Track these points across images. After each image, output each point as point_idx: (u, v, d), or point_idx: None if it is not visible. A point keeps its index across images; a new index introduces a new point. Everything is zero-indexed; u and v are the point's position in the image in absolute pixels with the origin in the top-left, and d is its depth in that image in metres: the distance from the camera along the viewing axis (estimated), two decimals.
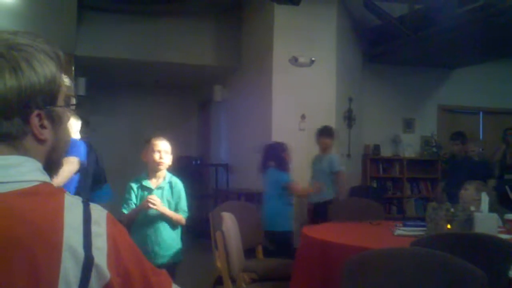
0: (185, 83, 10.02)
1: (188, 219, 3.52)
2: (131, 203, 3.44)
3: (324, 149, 5.89)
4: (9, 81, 0.86)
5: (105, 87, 9.40)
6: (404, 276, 2.15)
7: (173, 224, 3.44)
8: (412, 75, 8.55)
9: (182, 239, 3.56)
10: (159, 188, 3.46)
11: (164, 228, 3.40)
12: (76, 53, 7.28)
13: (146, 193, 3.44)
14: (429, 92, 8.80)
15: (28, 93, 0.88)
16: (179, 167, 9.79)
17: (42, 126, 0.91)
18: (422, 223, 3.52)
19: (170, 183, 3.49)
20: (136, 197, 3.47)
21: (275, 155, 5.17)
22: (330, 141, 5.86)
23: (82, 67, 7.68)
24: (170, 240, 3.42)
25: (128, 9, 7.73)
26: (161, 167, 3.45)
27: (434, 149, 8.44)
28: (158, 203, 3.33)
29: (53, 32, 6.25)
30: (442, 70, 8.73)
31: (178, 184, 3.51)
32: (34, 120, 0.90)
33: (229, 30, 8.35)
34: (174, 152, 3.52)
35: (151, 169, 3.48)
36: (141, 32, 7.93)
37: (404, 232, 3.44)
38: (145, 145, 3.55)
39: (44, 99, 0.91)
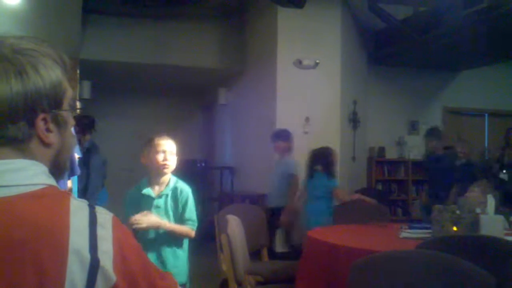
0: (189, 86, 10.03)
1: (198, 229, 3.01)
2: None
3: (280, 153, 5.82)
4: (15, 85, 0.87)
5: (109, 90, 9.43)
6: (410, 278, 2.14)
7: (178, 240, 2.95)
8: (417, 77, 8.54)
9: (188, 258, 3.04)
10: (161, 196, 2.99)
11: (165, 249, 2.91)
12: (81, 57, 7.31)
13: (146, 203, 2.97)
14: (434, 94, 8.79)
15: (34, 97, 0.89)
16: (184, 170, 9.83)
17: (48, 130, 0.92)
18: (428, 226, 3.51)
19: (175, 189, 3.00)
20: (136, 208, 2.92)
21: (323, 160, 5.30)
22: (285, 144, 5.76)
23: (87, 71, 7.70)
24: (174, 262, 2.91)
25: (132, 13, 7.75)
26: (166, 170, 2.99)
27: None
28: (146, 221, 2.81)
29: (58, 36, 6.27)
30: (447, 72, 8.72)
31: (185, 190, 3.01)
32: (40, 124, 0.91)
33: (233, 33, 8.36)
34: (179, 154, 3.07)
35: (154, 173, 3.02)
36: (146, 36, 7.95)
37: (410, 235, 3.43)
38: (146, 145, 3.04)
39: (49, 103, 0.91)
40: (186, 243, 3.03)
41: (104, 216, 0.89)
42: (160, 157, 2.97)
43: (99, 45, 7.72)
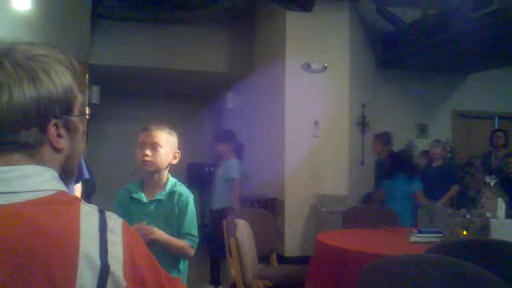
0: (197, 90, 10.05)
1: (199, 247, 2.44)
2: None
3: (221, 155, 5.81)
4: (28, 91, 0.88)
5: (118, 95, 9.46)
6: (419, 283, 2.13)
7: (172, 260, 2.36)
8: (426, 81, 8.50)
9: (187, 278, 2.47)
10: (153, 201, 2.42)
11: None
12: (89, 62, 7.34)
13: (136, 208, 2.43)
14: (443, 97, 8.75)
15: (46, 103, 0.89)
16: (192, 174, 9.83)
17: (59, 135, 0.93)
18: (438, 230, 3.49)
19: (172, 194, 2.43)
20: (124, 213, 2.39)
21: (405, 163, 5.46)
22: (226, 147, 5.72)
23: (96, 76, 7.74)
24: None
25: (140, 17, 7.78)
26: (147, 167, 2.40)
27: (449, 155, 8.37)
28: (154, 232, 2.26)
29: (67, 41, 6.31)
30: (456, 75, 8.68)
31: (184, 195, 2.42)
32: (51, 130, 0.91)
33: (242, 37, 8.37)
34: (184, 154, 2.55)
35: (144, 173, 2.48)
36: (154, 40, 7.97)
37: (420, 239, 3.41)
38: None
39: (61, 109, 0.92)
40: (184, 266, 2.43)
41: (114, 222, 0.89)
42: (138, 152, 2.42)
43: (108, 50, 7.75)
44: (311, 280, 3.29)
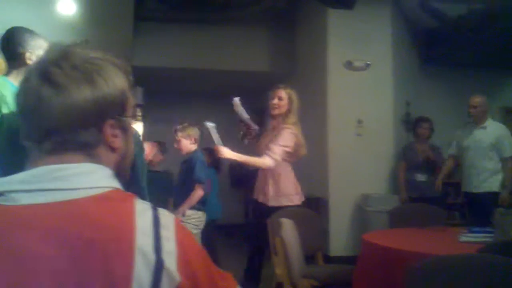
0: (239, 90, 10.05)
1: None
2: None
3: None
4: (86, 92, 0.91)
5: (160, 95, 9.59)
6: (470, 283, 2.08)
7: None
8: (471, 77, 8.28)
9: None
10: None
11: None
12: (133, 63, 7.48)
13: None
14: (491, 94, 8.48)
15: (103, 103, 0.93)
16: (234, 174, 9.84)
17: (114, 135, 0.96)
18: (489, 229, 3.40)
19: None
20: None
21: None
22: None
23: (138, 77, 7.86)
24: None
25: (181, 19, 7.87)
26: None
27: None
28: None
29: (111, 43, 6.45)
30: (504, 71, 8.43)
31: None
32: (108, 130, 0.95)
33: (283, 35, 8.36)
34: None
35: None
36: (196, 41, 8.04)
37: (470, 239, 3.32)
38: None
39: (116, 109, 0.96)
40: None
41: (167, 218, 0.91)
42: None
43: (150, 52, 7.88)
44: (358, 280, 3.26)
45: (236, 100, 4.34)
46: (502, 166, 5.49)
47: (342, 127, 6.84)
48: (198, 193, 4.61)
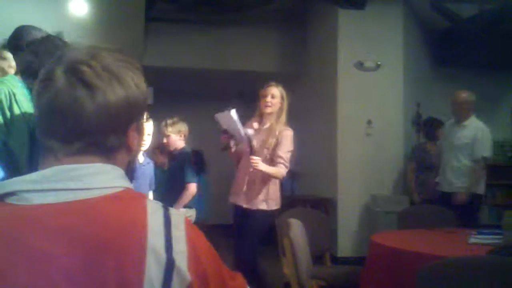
0: (250, 90, 10.07)
1: None
2: None
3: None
4: (119, 94, 0.92)
5: (169, 95, 9.61)
6: (479, 285, 2.08)
7: None
8: (483, 78, 8.22)
9: None
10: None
11: None
12: (143, 63, 7.50)
13: None
14: (503, 96, 8.46)
15: (133, 105, 0.94)
16: None
17: (133, 138, 0.97)
18: (499, 231, 3.38)
19: None
20: None
21: None
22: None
23: (148, 77, 7.89)
24: None
25: (192, 19, 7.89)
26: None
27: (509, 154, 8.10)
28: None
29: (122, 43, 6.48)
30: None
31: None
32: (131, 133, 0.96)
33: (293, 36, 8.35)
34: None
35: None
36: (206, 41, 8.06)
37: (480, 240, 3.31)
38: None
39: (141, 112, 0.98)
40: None
41: (178, 217, 0.91)
42: None
43: (160, 52, 7.89)
44: (366, 281, 3.25)
45: (233, 112, 4.20)
46: (470, 167, 5.34)
47: (352, 128, 6.83)
48: (190, 191, 4.54)
